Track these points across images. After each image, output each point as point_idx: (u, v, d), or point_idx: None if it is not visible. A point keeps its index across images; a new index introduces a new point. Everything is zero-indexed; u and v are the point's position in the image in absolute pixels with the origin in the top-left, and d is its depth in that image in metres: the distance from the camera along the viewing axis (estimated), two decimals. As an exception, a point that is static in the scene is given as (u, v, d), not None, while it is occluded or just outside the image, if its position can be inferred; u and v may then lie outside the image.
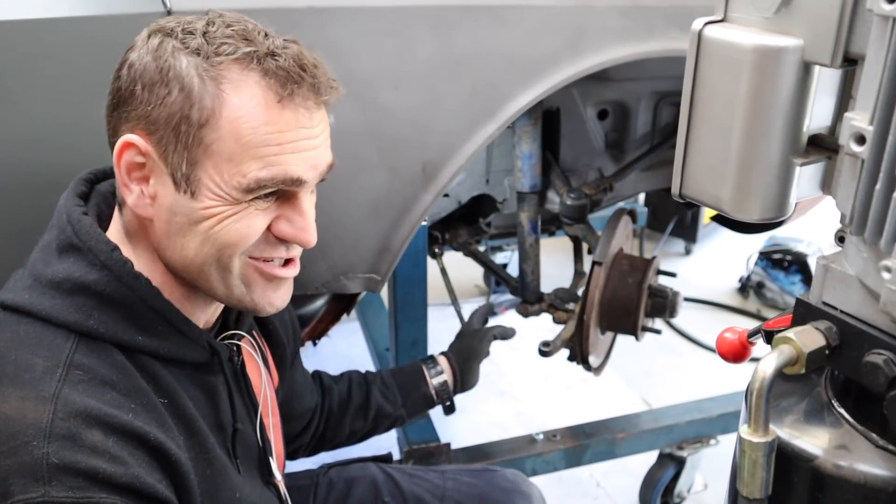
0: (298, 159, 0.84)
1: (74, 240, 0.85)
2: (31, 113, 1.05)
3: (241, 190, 0.83)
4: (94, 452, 0.76)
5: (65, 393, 0.78)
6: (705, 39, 0.69)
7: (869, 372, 0.66)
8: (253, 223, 0.86)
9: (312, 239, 0.90)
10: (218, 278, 0.88)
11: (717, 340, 0.90)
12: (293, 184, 0.85)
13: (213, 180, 0.82)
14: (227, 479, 0.95)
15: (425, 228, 1.90)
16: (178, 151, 0.82)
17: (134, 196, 0.86)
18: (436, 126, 1.27)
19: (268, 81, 0.82)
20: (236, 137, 0.81)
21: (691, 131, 0.72)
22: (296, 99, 0.83)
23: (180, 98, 0.80)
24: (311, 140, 0.85)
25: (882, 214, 0.61)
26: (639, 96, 1.78)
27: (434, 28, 1.21)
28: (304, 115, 0.84)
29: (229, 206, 0.84)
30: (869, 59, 0.60)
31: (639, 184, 1.94)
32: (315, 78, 0.84)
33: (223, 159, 0.81)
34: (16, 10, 1.01)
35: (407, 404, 1.43)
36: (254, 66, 0.81)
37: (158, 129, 0.82)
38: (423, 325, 2.16)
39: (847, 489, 0.69)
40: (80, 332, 0.83)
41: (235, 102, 0.81)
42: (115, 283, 0.84)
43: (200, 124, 0.81)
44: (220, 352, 0.96)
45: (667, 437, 2.07)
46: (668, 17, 1.32)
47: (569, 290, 1.87)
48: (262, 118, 0.81)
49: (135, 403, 0.83)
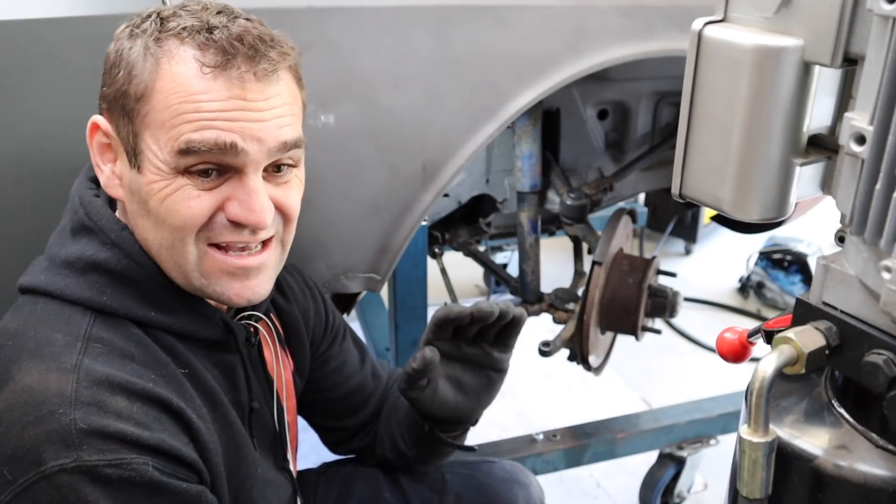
0: (234, 127, 0.82)
1: (86, 220, 0.89)
2: (31, 113, 1.05)
3: (175, 153, 0.82)
4: (120, 417, 0.78)
5: (86, 363, 0.80)
6: (705, 39, 0.69)
7: (869, 372, 0.66)
8: (195, 202, 0.85)
9: (262, 220, 0.86)
10: (174, 264, 0.88)
11: (717, 340, 0.90)
12: (229, 151, 0.83)
13: (151, 150, 0.84)
14: (249, 454, 0.97)
15: (425, 228, 1.90)
16: (125, 125, 0.85)
17: (105, 177, 0.89)
18: (436, 126, 1.27)
19: (201, 54, 0.82)
20: (166, 106, 0.82)
21: (691, 131, 0.72)
22: (230, 70, 0.82)
23: (123, 75, 0.84)
24: (250, 112, 0.83)
25: (882, 214, 0.61)
26: (639, 96, 1.78)
27: (434, 28, 1.21)
28: (237, 85, 0.82)
29: (168, 181, 0.84)
30: (869, 59, 0.60)
31: (639, 184, 1.94)
32: (255, 51, 0.83)
33: (157, 127, 0.83)
34: (16, 10, 1.01)
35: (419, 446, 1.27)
36: (189, 39, 0.83)
37: (111, 107, 0.86)
38: (423, 325, 2.16)
39: (847, 489, 0.69)
40: (96, 308, 0.86)
41: (168, 75, 0.82)
42: (125, 261, 0.87)
43: (137, 98, 0.83)
44: (236, 330, 0.97)
45: (667, 437, 2.06)
46: (668, 17, 1.32)
47: (569, 290, 1.87)
48: (194, 88, 0.82)
49: (155, 374, 0.85)
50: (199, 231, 0.86)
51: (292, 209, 0.92)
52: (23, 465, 0.75)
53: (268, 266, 0.92)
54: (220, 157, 0.83)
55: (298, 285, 1.19)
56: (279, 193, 0.90)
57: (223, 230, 0.87)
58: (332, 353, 1.25)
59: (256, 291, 0.91)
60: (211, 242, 0.87)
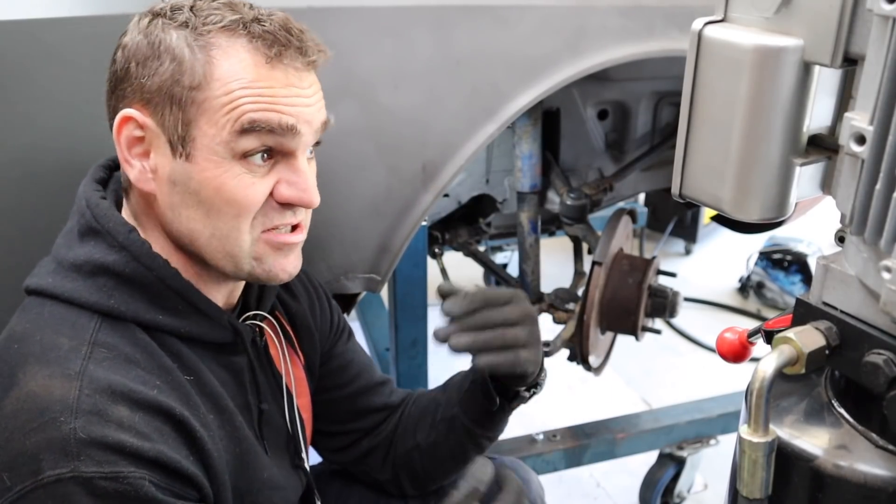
0: (290, 110, 0.86)
1: (94, 223, 0.88)
2: (31, 113, 1.05)
3: (235, 133, 0.84)
4: (121, 427, 0.78)
5: (90, 370, 0.80)
6: (705, 39, 0.69)
7: (869, 372, 0.66)
8: (251, 186, 0.87)
9: (315, 198, 0.92)
10: (224, 253, 0.89)
11: (717, 340, 0.90)
12: (288, 132, 0.86)
13: (207, 135, 0.84)
14: (256, 458, 0.96)
15: (425, 228, 1.90)
16: (174, 113, 0.84)
17: (136, 171, 0.88)
18: (436, 126, 1.27)
19: (255, 44, 0.85)
20: (227, 91, 0.84)
21: (691, 131, 0.72)
22: (284, 59, 0.85)
23: (171, 67, 0.84)
24: (300, 98, 0.88)
25: (882, 214, 0.61)
26: (639, 96, 1.78)
27: (434, 28, 1.21)
28: (293, 74, 0.87)
29: (224, 168, 0.85)
30: (869, 59, 0.60)
31: (639, 184, 1.94)
32: (302, 41, 0.87)
33: (216, 111, 0.84)
34: (16, 10, 1.01)
35: (463, 400, 1.18)
36: (241, 31, 0.85)
37: (153, 97, 0.85)
38: (423, 325, 2.16)
39: (847, 489, 0.69)
40: (103, 312, 0.85)
41: (225, 66, 0.84)
42: (133, 264, 0.87)
43: (192, 87, 0.84)
44: (243, 332, 0.97)
45: (667, 437, 2.07)
46: (668, 17, 1.32)
47: (569, 290, 1.87)
48: (252, 77, 0.84)
49: (160, 380, 0.85)
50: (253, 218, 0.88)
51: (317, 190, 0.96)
52: (21, 472, 0.74)
53: (300, 244, 0.96)
54: (279, 138, 0.86)
55: (302, 283, 1.18)
56: (312, 174, 0.94)
57: (272, 213, 0.90)
58: (337, 351, 1.23)
59: (296, 266, 0.95)
60: (265, 228, 0.90)
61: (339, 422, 1.24)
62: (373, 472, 1.26)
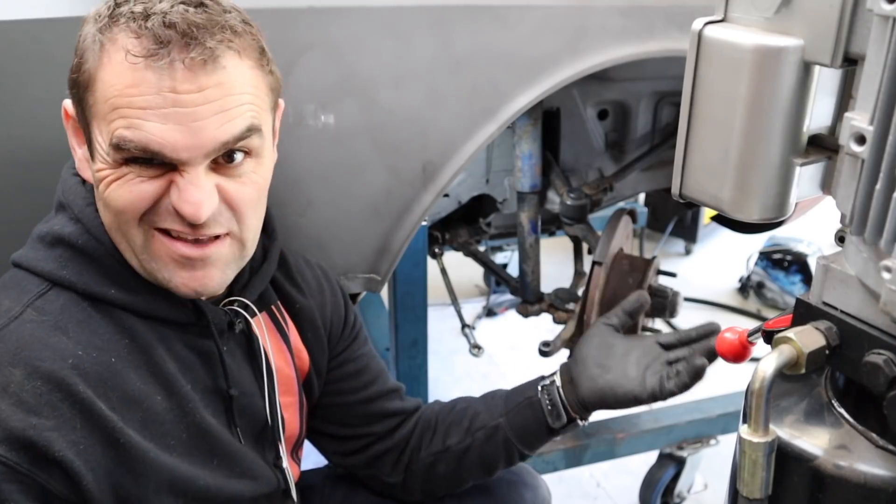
0: (166, 129, 0.79)
1: (62, 197, 0.92)
2: (31, 113, 1.05)
3: (110, 147, 0.81)
4: (3, 392, 0.77)
5: (9, 329, 0.82)
6: (705, 39, 0.69)
7: (869, 372, 0.66)
8: (136, 189, 0.83)
9: (198, 213, 0.82)
10: (127, 249, 0.88)
11: (717, 340, 0.90)
12: (157, 156, 0.80)
13: (97, 140, 0.84)
14: (209, 445, 0.94)
15: (425, 228, 1.90)
16: (80, 114, 0.86)
17: (77, 159, 0.92)
18: (436, 126, 1.27)
19: (137, 42, 0.78)
20: (105, 98, 0.81)
21: (691, 131, 0.72)
22: (159, 61, 0.77)
23: (76, 63, 0.84)
24: (184, 107, 0.78)
25: (882, 214, 0.61)
26: (639, 96, 1.78)
27: (434, 28, 1.21)
28: (167, 76, 0.78)
29: (113, 170, 0.84)
30: (869, 59, 0.60)
31: (639, 184, 1.94)
32: (190, 38, 0.78)
33: (100, 119, 0.83)
34: (16, 10, 1.01)
35: (510, 414, 1.19)
36: (128, 26, 0.79)
37: (71, 94, 0.87)
38: (423, 325, 2.17)
39: (847, 489, 0.69)
40: (55, 281, 0.87)
41: (107, 65, 0.81)
42: (86, 236, 0.89)
43: (85, 87, 0.83)
44: (210, 315, 0.94)
45: (667, 437, 2.07)
46: (668, 17, 1.32)
47: (569, 290, 1.87)
48: (126, 80, 0.79)
49: (83, 352, 0.83)
50: (143, 216, 0.84)
51: (243, 204, 0.87)
52: None
53: (218, 260, 0.89)
54: (148, 154, 0.81)
55: (316, 279, 1.16)
56: (230, 186, 0.86)
57: (167, 216, 0.84)
58: (352, 355, 1.21)
59: (204, 283, 0.89)
60: (156, 227, 0.85)
61: (351, 426, 1.23)
62: (382, 476, 1.25)
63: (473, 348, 1.99)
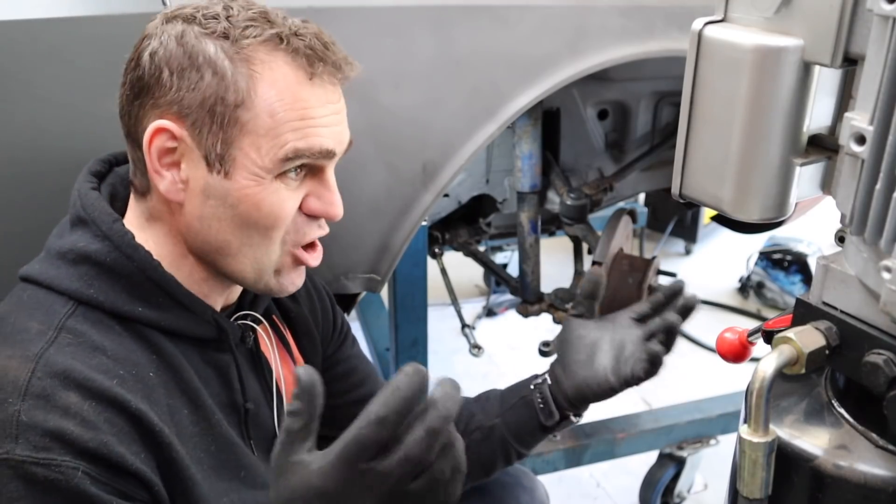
0: (328, 132, 0.88)
1: (82, 213, 0.89)
2: (31, 114, 1.05)
3: (279, 160, 0.85)
4: (66, 414, 0.77)
5: (49, 353, 0.80)
6: (705, 39, 0.69)
7: (869, 372, 0.66)
8: (285, 201, 0.88)
9: (340, 211, 0.93)
10: (253, 263, 0.90)
11: (717, 340, 0.90)
12: (325, 156, 0.89)
13: (248, 157, 0.85)
14: (236, 457, 0.95)
15: (425, 228, 1.90)
16: (213, 132, 0.84)
17: (166, 182, 0.87)
18: (436, 126, 1.27)
19: (297, 60, 0.85)
20: (271, 114, 0.84)
21: (691, 131, 0.72)
22: (323, 76, 0.87)
23: (214, 81, 0.83)
24: (337, 115, 0.90)
25: (882, 214, 0.61)
26: (639, 96, 1.78)
27: (434, 28, 1.21)
28: (330, 90, 0.88)
29: (262, 186, 0.86)
30: (869, 59, 0.60)
31: (639, 184, 1.94)
32: (336, 55, 0.88)
33: (260, 135, 0.84)
34: (16, 10, 1.01)
35: (505, 414, 1.21)
36: (282, 46, 0.85)
37: (192, 112, 0.84)
38: (423, 325, 2.17)
39: (847, 489, 0.69)
40: (81, 300, 0.85)
41: (268, 82, 0.84)
42: (115, 253, 0.87)
43: (236, 105, 0.83)
44: (229, 330, 0.96)
45: (667, 437, 2.07)
46: (668, 17, 1.32)
47: (569, 290, 1.87)
48: (295, 95, 0.85)
49: (124, 370, 0.83)
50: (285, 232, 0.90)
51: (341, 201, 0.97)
52: None
53: None
54: (316, 157, 0.88)
55: (304, 286, 1.17)
56: None
57: (302, 225, 0.92)
58: (341, 356, 1.22)
59: (302, 281, 0.97)
60: (294, 243, 0.92)
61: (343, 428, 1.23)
62: None
63: (473, 348, 1.99)
